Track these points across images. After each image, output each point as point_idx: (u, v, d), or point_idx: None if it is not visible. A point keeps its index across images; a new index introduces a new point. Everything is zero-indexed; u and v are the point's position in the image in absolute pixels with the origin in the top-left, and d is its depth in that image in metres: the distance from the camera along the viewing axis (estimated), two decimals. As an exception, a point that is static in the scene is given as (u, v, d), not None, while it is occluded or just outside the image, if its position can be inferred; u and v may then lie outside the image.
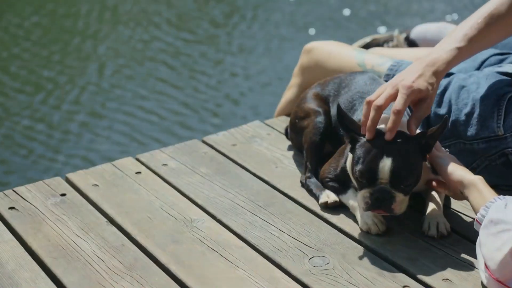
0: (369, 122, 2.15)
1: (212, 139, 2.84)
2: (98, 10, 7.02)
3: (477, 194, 2.09)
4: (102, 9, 7.05)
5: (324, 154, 2.50)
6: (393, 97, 2.17)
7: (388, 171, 2.09)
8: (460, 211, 2.35)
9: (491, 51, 2.76)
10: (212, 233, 2.26)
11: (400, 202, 2.13)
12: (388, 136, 2.12)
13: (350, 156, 2.21)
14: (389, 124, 2.12)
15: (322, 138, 2.48)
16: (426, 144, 2.16)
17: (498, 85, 2.45)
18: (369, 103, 2.18)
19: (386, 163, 2.09)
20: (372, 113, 2.15)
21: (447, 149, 2.31)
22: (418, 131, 2.24)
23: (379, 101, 2.16)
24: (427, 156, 2.19)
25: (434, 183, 2.25)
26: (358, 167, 2.12)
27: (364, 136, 2.15)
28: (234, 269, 2.10)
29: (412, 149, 2.13)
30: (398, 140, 2.13)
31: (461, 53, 2.29)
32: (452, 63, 2.27)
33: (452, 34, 2.33)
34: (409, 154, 2.12)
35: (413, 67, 2.25)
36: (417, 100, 2.20)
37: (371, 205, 2.13)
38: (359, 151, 2.13)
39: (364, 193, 2.13)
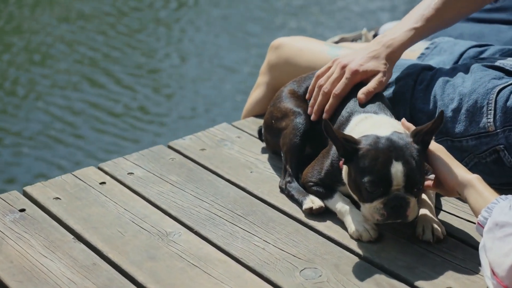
0: (316, 107, 2.32)
1: (179, 144, 2.66)
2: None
3: (476, 195, 1.96)
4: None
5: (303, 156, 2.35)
6: (339, 80, 2.30)
7: (402, 176, 1.94)
8: (453, 212, 2.22)
9: (469, 43, 2.65)
10: (191, 246, 2.08)
11: (413, 207, 1.99)
12: (324, 116, 2.27)
13: (345, 168, 2.06)
14: (327, 106, 2.28)
15: (303, 140, 2.32)
16: (423, 141, 2.02)
17: (485, 78, 2.32)
18: (318, 81, 2.34)
19: (397, 168, 1.94)
20: (320, 98, 2.31)
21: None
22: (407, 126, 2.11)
23: (327, 86, 2.30)
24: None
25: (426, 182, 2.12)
26: (367, 178, 1.96)
27: (358, 145, 2.00)
28: (219, 286, 1.92)
29: (415, 149, 1.99)
30: (400, 143, 1.98)
31: (418, 33, 2.34)
32: (408, 43, 2.34)
33: (409, 14, 2.39)
34: (414, 154, 1.98)
35: (369, 47, 2.33)
36: (365, 79, 2.29)
37: (388, 216, 1.98)
38: (363, 161, 1.97)
39: (376, 204, 1.98)
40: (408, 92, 2.39)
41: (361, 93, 2.23)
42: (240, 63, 5.74)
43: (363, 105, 2.22)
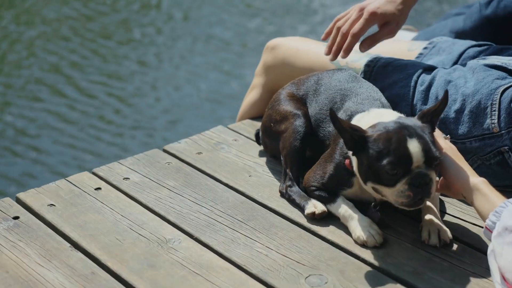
0: (335, 47, 2.41)
1: (174, 148, 2.60)
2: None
3: (482, 198, 1.92)
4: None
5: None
6: (357, 21, 2.38)
7: (420, 151, 1.91)
8: (458, 216, 2.18)
9: (468, 42, 2.61)
10: (192, 253, 2.03)
11: (435, 183, 1.96)
12: (342, 55, 2.38)
13: (354, 159, 2.01)
14: (345, 45, 2.38)
15: (303, 143, 2.27)
16: (431, 122, 2.00)
17: (488, 79, 2.28)
18: (336, 24, 2.43)
19: (414, 145, 1.91)
20: (339, 38, 2.40)
21: (448, 136, 2.12)
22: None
23: (345, 27, 2.39)
24: None
25: None
26: (386, 160, 1.91)
27: (366, 133, 1.96)
28: (223, 294, 1.88)
29: (425, 127, 1.97)
30: (409, 122, 1.96)
31: None
32: None
33: None
34: (426, 131, 1.96)
35: None
36: (381, 23, 2.39)
37: (415, 197, 1.93)
38: (377, 145, 1.93)
39: (400, 187, 1.93)
40: (409, 93, 2.35)
41: (365, 42, 2.40)
42: (208, 68, 5.67)
43: (363, 106, 2.17)
